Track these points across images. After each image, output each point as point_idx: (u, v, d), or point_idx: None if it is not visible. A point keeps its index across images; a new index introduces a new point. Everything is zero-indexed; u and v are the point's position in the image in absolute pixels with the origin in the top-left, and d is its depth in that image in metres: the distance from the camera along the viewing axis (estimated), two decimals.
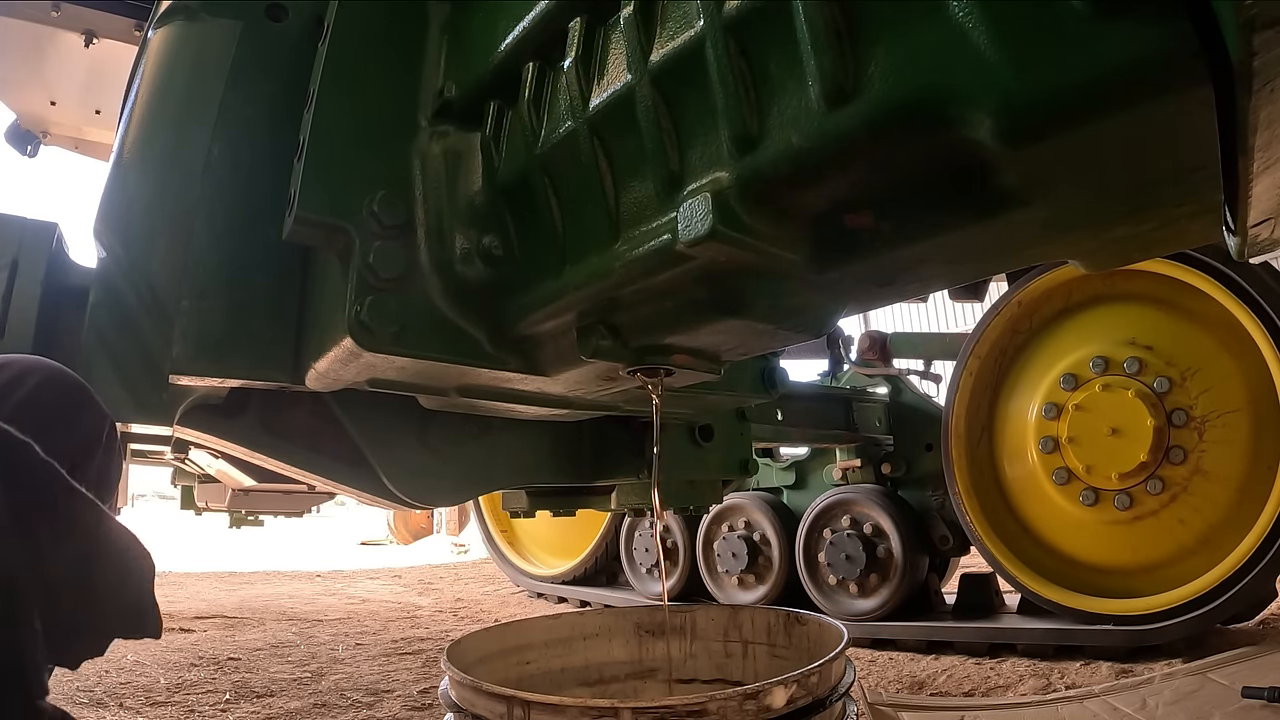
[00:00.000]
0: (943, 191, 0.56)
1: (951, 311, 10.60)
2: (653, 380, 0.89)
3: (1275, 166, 0.40)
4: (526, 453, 1.43)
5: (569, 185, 0.77)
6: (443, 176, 0.90)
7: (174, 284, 0.95)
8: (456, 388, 1.02)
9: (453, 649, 0.90)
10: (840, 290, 0.75)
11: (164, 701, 1.94)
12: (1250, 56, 0.33)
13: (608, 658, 1.12)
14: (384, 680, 2.21)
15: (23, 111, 2.89)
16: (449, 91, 0.90)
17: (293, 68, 1.01)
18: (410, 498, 1.27)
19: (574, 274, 0.78)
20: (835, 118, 0.52)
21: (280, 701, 1.97)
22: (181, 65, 1.04)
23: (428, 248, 0.88)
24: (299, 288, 1.02)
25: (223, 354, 0.96)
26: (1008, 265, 0.70)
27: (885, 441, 2.84)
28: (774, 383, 1.27)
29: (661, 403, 0.95)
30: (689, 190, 0.64)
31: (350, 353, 0.84)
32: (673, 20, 0.62)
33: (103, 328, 0.97)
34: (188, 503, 2.70)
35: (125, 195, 1.01)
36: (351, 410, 1.20)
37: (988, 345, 2.45)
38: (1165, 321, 2.13)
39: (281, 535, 10.14)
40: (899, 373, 2.95)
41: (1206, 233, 0.55)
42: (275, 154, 0.98)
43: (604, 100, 0.69)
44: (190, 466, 1.90)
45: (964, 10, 0.44)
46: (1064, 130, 0.46)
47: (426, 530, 10.07)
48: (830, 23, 0.51)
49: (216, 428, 1.13)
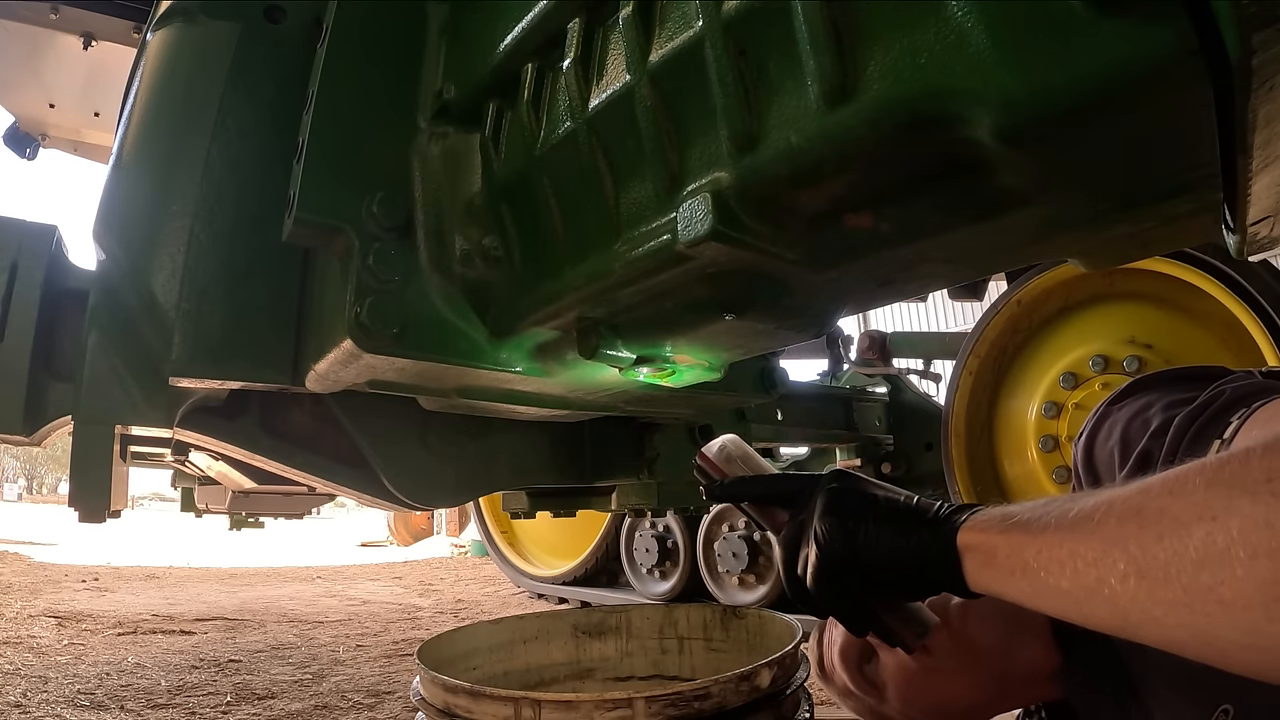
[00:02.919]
0: (942, 191, 0.56)
1: (951, 311, 10.60)
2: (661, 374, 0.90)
3: (1274, 164, 0.40)
4: (527, 453, 1.43)
5: (568, 186, 0.77)
6: (442, 177, 0.90)
7: (173, 286, 0.95)
8: (456, 388, 1.02)
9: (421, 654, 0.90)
10: (840, 290, 0.75)
11: (165, 704, 1.94)
12: (1249, 55, 0.33)
13: (547, 660, 1.14)
14: (385, 682, 2.21)
15: (22, 114, 2.89)
16: (448, 92, 0.89)
17: (292, 69, 1.01)
18: (410, 499, 1.27)
19: (574, 274, 0.78)
20: (834, 117, 0.52)
21: (281, 703, 1.96)
22: (180, 67, 1.04)
23: (427, 249, 0.88)
24: (298, 289, 1.02)
25: (222, 356, 0.96)
26: (1007, 264, 0.70)
27: (885, 441, 2.84)
28: (774, 383, 1.27)
29: (663, 402, 0.95)
30: (688, 190, 0.64)
31: (350, 354, 0.84)
32: (671, 20, 0.62)
33: (102, 330, 0.97)
34: (188, 505, 2.70)
35: (124, 197, 1.01)
36: (351, 411, 1.19)
37: (987, 344, 2.45)
38: (1165, 320, 2.13)
39: (282, 537, 10.14)
40: (899, 372, 2.95)
41: (1206, 231, 0.55)
42: (274, 156, 0.98)
43: (603, 100, 0.69)
44: (190, 469, 1.90)
45: (963, 10, 0.44)
46: (1063, 129, 0.46)
47: (427, 531, 10.07)
48: (829, 22, 0.51)
49: (216, 429, 1.13)
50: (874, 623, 0.62)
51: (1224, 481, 0.37)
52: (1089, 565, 0.41)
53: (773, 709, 0.77)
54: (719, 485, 0.77)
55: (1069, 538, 0.43)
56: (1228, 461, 0.39)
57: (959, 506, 0.55)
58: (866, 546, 0.57)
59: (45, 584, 4.57)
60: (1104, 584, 0.40)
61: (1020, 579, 0.46)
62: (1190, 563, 0.37)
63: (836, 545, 0.58)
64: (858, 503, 0.60)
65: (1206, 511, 0.37)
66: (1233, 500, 0.36)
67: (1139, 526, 0.40)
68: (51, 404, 1.03)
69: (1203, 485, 0.38)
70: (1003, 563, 0.48)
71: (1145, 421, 0.63)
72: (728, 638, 1.13)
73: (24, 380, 0.99)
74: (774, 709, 0.77)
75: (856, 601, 0.60)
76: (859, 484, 0.62)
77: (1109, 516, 0.42)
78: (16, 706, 1.89)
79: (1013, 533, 0.48)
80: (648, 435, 1.47)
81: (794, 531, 0.64)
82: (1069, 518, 0.44)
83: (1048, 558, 0.44)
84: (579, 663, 1.16)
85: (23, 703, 1.92)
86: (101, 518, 0.98)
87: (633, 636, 1.17)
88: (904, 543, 0.55)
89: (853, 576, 0.58)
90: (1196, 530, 0.37)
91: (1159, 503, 0.40)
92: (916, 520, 0.56)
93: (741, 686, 0.74)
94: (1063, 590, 0.43)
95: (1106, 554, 0.41)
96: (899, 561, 0.55)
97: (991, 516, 0.51)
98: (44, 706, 1.89)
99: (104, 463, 0.96)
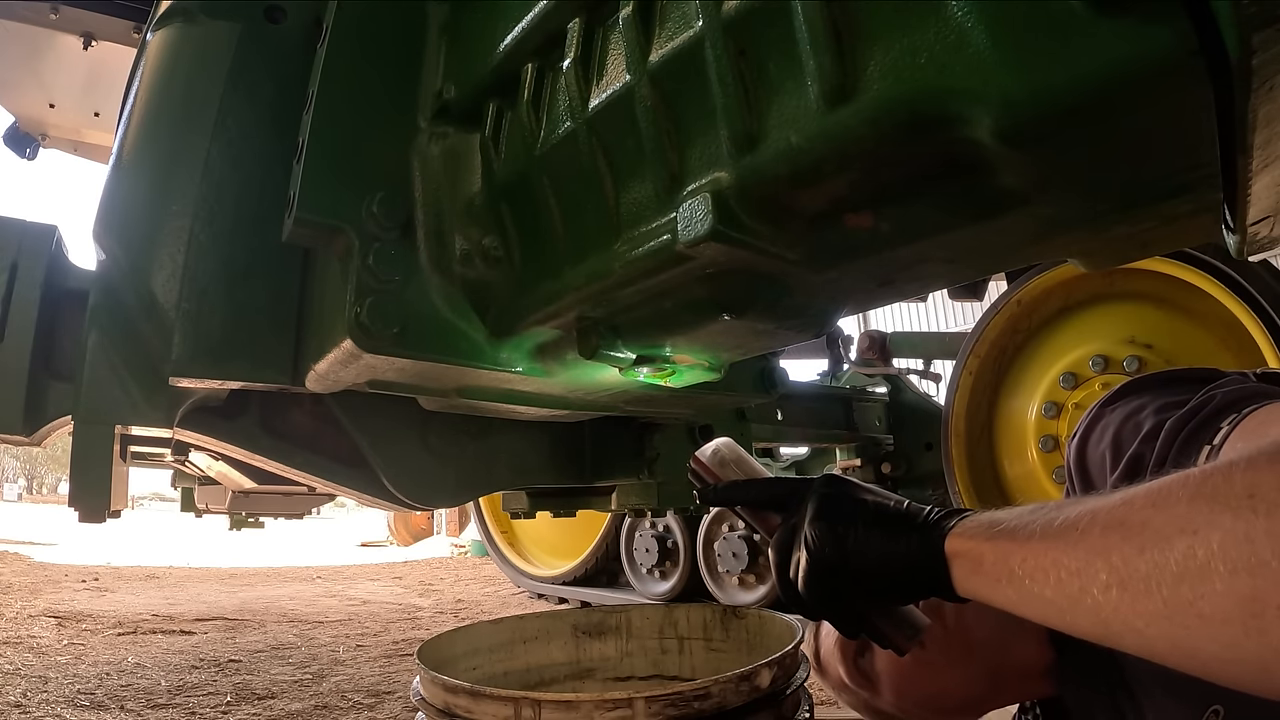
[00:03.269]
0: (942, 191, 0.56)
1: (951, 311, 10.60)
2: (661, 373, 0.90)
3: (1274, 164, 0.40)
4: (527, 453, 1.43)
5: (568, 186, 0.77)
6: (442, 177, 0.90)
7: (173, 286, 0.95)
8: (456, 388, 1.02)
9: (421, 654, 0.90)
10: (840, 290, 0.75)
11: (165, 704, 1.94)
12: (1249, 55, 0.33)
13: (547, 660, 1.14)
14: (385, 682, 2.21)
15: (22, 114, 2.89)
16: (448, 92, 0.89)
17: (292, 69, 1.01)
18: (410, 499, 1.27)
19: (573, 274, 0.78)
20: (834, 117, 0.52)
21: (281, 703, 1.97)
22: (180, 67, 1.03)
23: (427, 249, 0.88)
24: (298, 289, 1.01)
25: (222, 356, 0.96)
26: (1007, 264, 0.70)
27: (885, 441, 2.84)
28: (774, 383, 1.27)
29: (663, 402, 0.95)
30: (688, 190, 0.64)
31: (350, 354, 0.84)
32: (671, 20, 0.62)
33: (102, 330, 0.97)
34: (188, 505, 2.70)
35: (124, 197, 1.01)
36: (351, 411, 1.19)
37: (987, 344, 2.45)
38: (1165, 320, 2.13)
39: (282, 537, 10.14)
40: (899, 372, 2.95)
41: (1206, 231, 0.55)
42: (274, 156, 0.98)
43: (603, 100, 0.69)
44: (190, 469, 1.90)
45: (963, 10, 0.44)
46: (1063, 130, 0.45)
47: (427, 531, 10.07)
48: (829, 22, 0.51)
49: (216, 429, 1.13)
50: (865, 625, 0.62)
51: (1206, 495, 0.38)
52: (1072, 575, 0.42)
53: (773, 709, 0.77)
54: (712, 490, 0.77)
55: (1053, 547, 0.44)
56: (1210, 475, 0.39)
57: (949, 512, 0.56)
58: (856, 551, 0.57)
59: (45, 584, 4.57)
60: (1086, 594, 0.41)
61: (1006, 586, 0.47)
62: (1171, 575, 0.37)
63: (827, 550, 0.59)
64: (848, 508, 0.60)
65: (1188, 525, 0.37)
66: (1214, 515, 0.36)
67: (1122, 538, 0.40)
68: (51, 404, 1.03)
69: (1185, 498, 0.38)
70: (989, 570, 0.48)
71: (1137, 424, 0.64)
72: (728, 638, 1.13)
73: (24, 380, 0.99)
74: (774, 709, 0.77)
75: (847, 605, 0.61)
76: (850, 489, 0.63)
77: (1093, 526, 0.42)
78: (16, 706, 1.89)
79: (999, 540, 0.48)
80: (648, 435, 1.47)
81: (786, 535, 0.64)
82: (1054, 527, 0.45)
83: (1032, 566, 0.45)
84: (579, 663, 1.16)
85: (23, 703, 1.92)
86: (101, 518, 0.98)
87: (633, 636, 1.18)
88: (893, 547, 0.56)
89: (843, 580, 0.58)
90: (1178, 543, 0.37)
91: (1142, 515, 0.40)
92: (906, 525, 0.57)
93: (741, 686, 0.74)
94: (1047, 599, 0.44)
95: (1089, 564, 0.41)
96: (888, 566, 0.56)
97: (979, 523, 0.52)
98: (44, 706, 1.89)
99: (104, 463, 0.96)
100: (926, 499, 2.85)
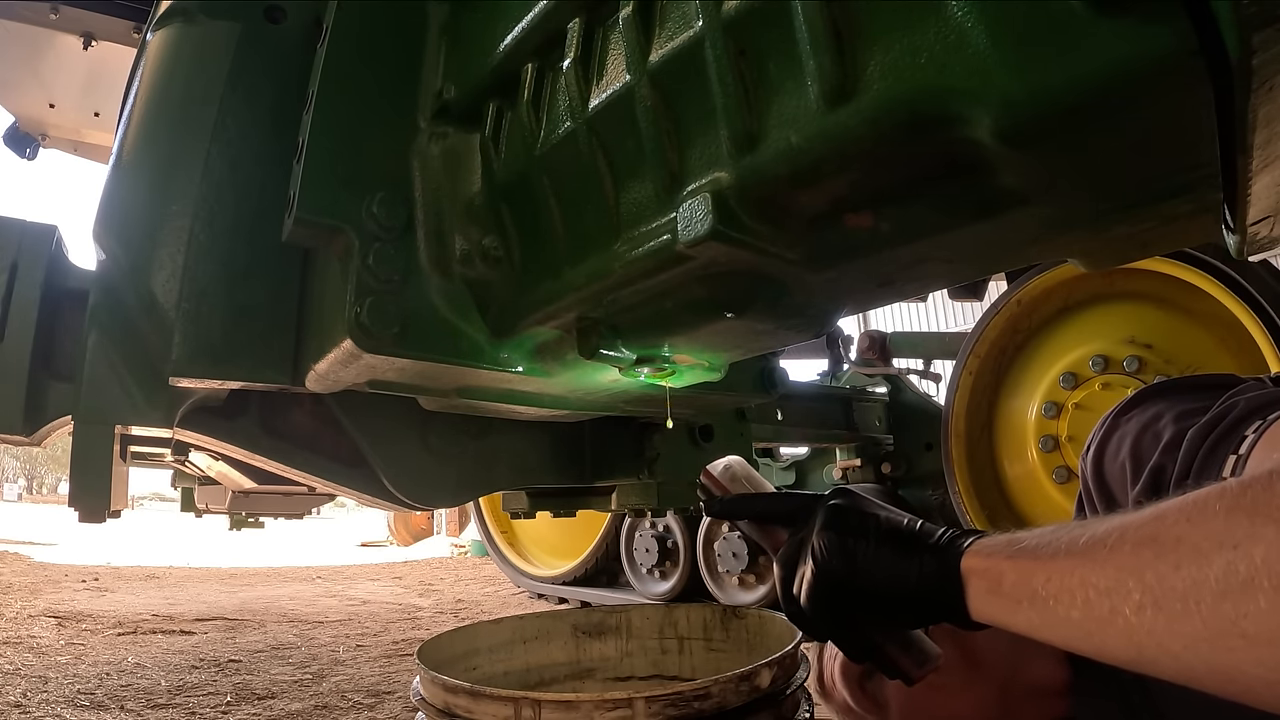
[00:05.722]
0: (942, 191, 0.56)
1: (951, 311, 10.60)
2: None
3: (1274, 164, 0.40)
4: (527, 453, 1.43)
5: (568, 186, 0.77)
6: (442, 177, 0.90)
7: (173, 286, 0.95)
8: (457, 388, 1.02)
9: (421, 654, 0.90)
10: (840, 290, 0.75)
11: (165, 704, 1.94)
12: (1249, 55, 0.33)
13: (547, 660, 1.14)
14: (385, 682, 2.21)
15: (22, 114, 2.89)
16: (448, 92, 0.89)
17: (292, 69, 1.01)
18: (410, 499, 1.27)
19: (574, 274, 0.78)
20: (834, 118, 0.52)
21: (281, 703, 1.97)
22: (180, 67, 1.03)
23: (427, 249, 0.88)
24: (299, 289, 1.02)
25: (222, 356, 0.96)
26: (1007, 264, 0.70)
27: (885, 441, 2.84)
28: (774, 383, 1.27)
29: (663, 402, 0.95)
30: (688, 190, 0.64)
31: (350, 354, 0.84)
32: (671, 20, 0.62)
33: (102, 330, 0.97)
34: (188, 505, 2.70)
35: (124, 197, 1.01)
36: (352, 411, 1.19)
37: (987, 344, 2.45)
38: (1165, 320, 2.13)
39: (282, 537, 10.14)
40: (899, 372, 2.95)
41: (1205, 231, 0.55)
42: (274, 156, 0.98)
43: (603, 100, 0.69)
44: (190, 469, 1.90)
45: (963, 10, 0.44)
46: (1063, 129, 0.45)
47: (427, 531, 10.07)
48: (829, 23, 0.51)
49: (216, 429, 1.13)
50: (872, 649, 0.59)
51: (1246, 508, 0.35)
52: (1102, 594, 0.39)
53: (773, 709, 0.77)
54: (720, 501, 0.75)
55: (1081, 565, 0.41)
56: (1249, 486, 0.37)
57: (964, 531, 0.53)
58: (865, 566, 0.54)
59: (45, 584, 4.57)
60: (1118, 614, 0.38)
61: (1028, 608, 0.44)
62: (1211, 593, 0.35)
63: (834, 562, 0.56)
64: (859, 520, 0.57)
65: (1228, 539, 0.35)
66: (1256, 527, 0.34)
67: (1155, 554, 0.38)
68: (51, 404, 1.03)
69: (1223, 511, 0.36)
70: (1009, 590, 0.46)
71: (1156, 434, 0.61)
72: (728, 638, 1.13)
73: (24, 380, 0.99)
74: (774, 709, 0.77)
75: (854, 625, 0.58)
76: (862, 502, 0.60)
77: (1123, 543, 0.40)
78: (16, 706, 1.89)
79: (1020, 559, 0.46)
80: (648, 435, 1.47)
81: (792, 549, 0.62)
82: (1080, 544, 0.42)
83: (1058, 585, 0.42)
84: (579, 663, 1.16)
85: (23, 703, 1.92)
86: (101, 518, 0.98)
87: (633, 636, 1.18)
88: (904, 565, 0.53)
89: (850, 597, 0.55)
90: (1217, 559, 0.35)
91: (1176, 530, 0.38)
92: (919, 543, 0.54)
93: (741, 686, 0.75)
94: (1073, 620, 0.41)
95: (1121, 583, 0.38)
96: (898, 584, 0.53)
97: (997, 542, 0.49)
98: (44, 706, 1.89)
99: (104, 463, 0.96)
100: (927, 499, 2.85)
